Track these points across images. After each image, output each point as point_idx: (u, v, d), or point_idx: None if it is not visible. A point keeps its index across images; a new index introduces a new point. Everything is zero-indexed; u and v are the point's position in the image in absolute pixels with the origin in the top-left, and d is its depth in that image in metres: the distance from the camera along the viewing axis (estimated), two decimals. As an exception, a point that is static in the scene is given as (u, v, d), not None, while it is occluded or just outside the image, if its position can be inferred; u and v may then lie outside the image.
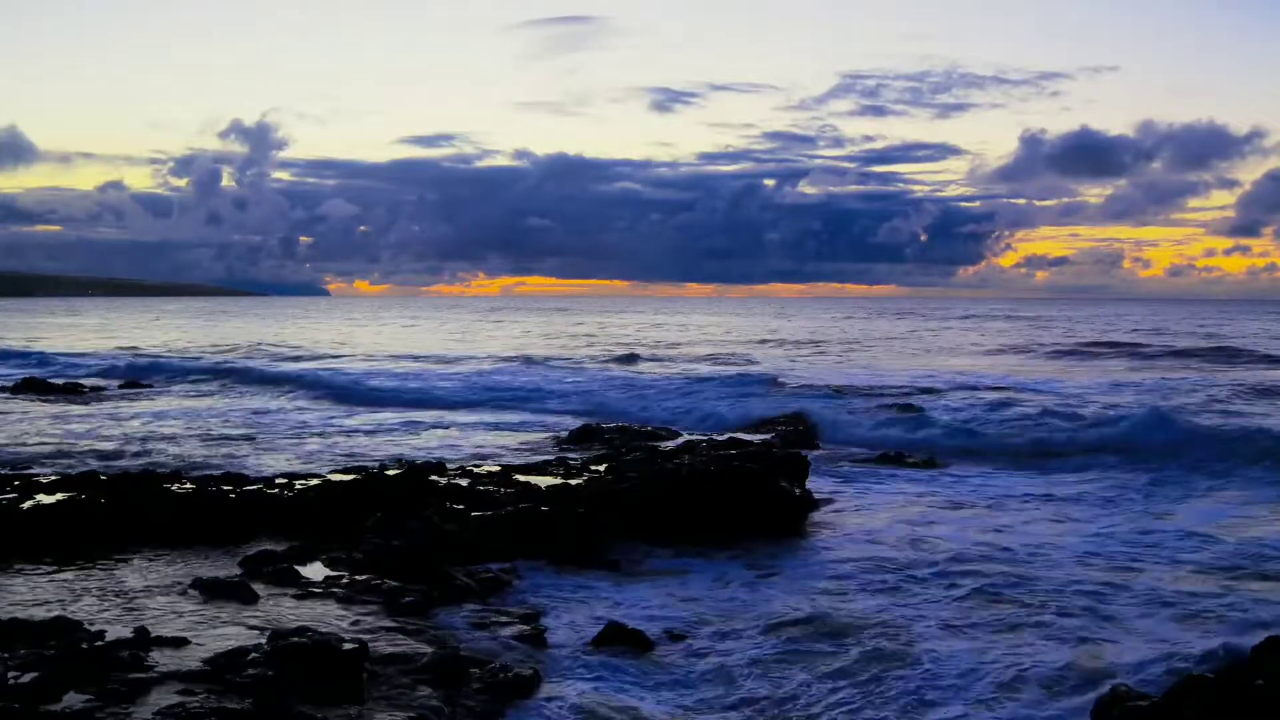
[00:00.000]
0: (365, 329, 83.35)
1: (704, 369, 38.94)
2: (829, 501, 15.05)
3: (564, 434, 21.66)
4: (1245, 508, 14.71)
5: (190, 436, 21.54)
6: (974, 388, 30.69)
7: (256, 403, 29.07)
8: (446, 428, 23.80)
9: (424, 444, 21.02)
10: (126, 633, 7.72)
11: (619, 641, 8.82)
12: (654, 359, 45.24)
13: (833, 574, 11.39)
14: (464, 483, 13.75)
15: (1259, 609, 9.91)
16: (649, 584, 10.96)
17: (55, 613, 8.33)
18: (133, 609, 8.83)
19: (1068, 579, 11.03)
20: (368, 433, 22.82)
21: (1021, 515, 14.50)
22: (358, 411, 27.10)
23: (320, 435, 22.22)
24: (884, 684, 8.13)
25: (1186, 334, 63.90)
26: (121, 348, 52.09)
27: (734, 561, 11.85)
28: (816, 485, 15.32)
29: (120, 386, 33.04)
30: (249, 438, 21.51)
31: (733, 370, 37.62)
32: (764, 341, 61.01)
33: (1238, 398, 27.74)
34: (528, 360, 43.25)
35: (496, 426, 24.21)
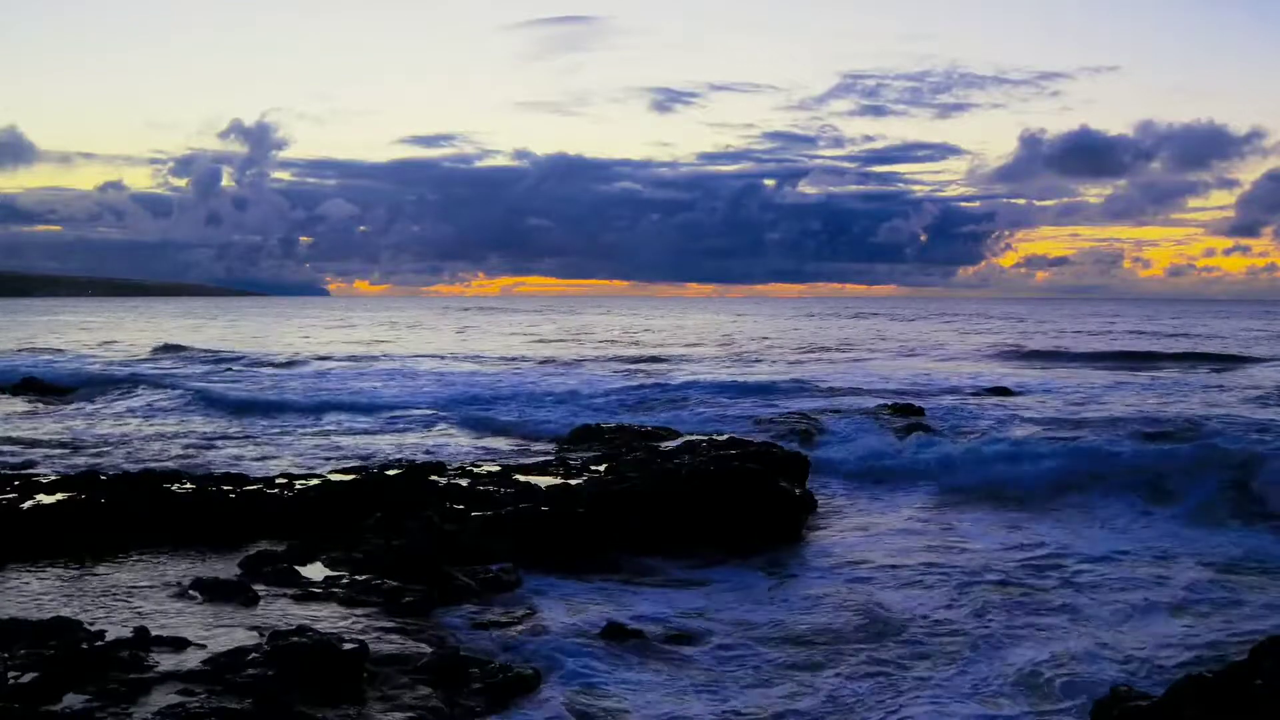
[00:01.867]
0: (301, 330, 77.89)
1: (681, 371, 38.90)
2: (828, 503, 15.06)
3: (564, 435, 21.64)
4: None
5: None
6: (973, 391, 30.68)
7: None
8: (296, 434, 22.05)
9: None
10: (126, 633, 7.71)
11: (619, 641, 8.82)
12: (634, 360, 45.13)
13: (833, 574, 11.39)
14: (464, 483, 13.75)
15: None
16: (649, 584, 10.96)
17: (55, 613, 8.34)
18: (133, 609, 8.84)
19: (1075, 578, 11.05)
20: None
21: (1029, 518, 14.46)
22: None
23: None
24: (885, 684, 8.14)
25: (1185, 335, 63.89)
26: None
27: (734, 562, 11.85)
28: (813, 485, 15.33)
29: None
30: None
31: (716, 373, 37.59)
32: (747, 343, 60.98)
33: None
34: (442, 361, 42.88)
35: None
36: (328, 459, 18.63)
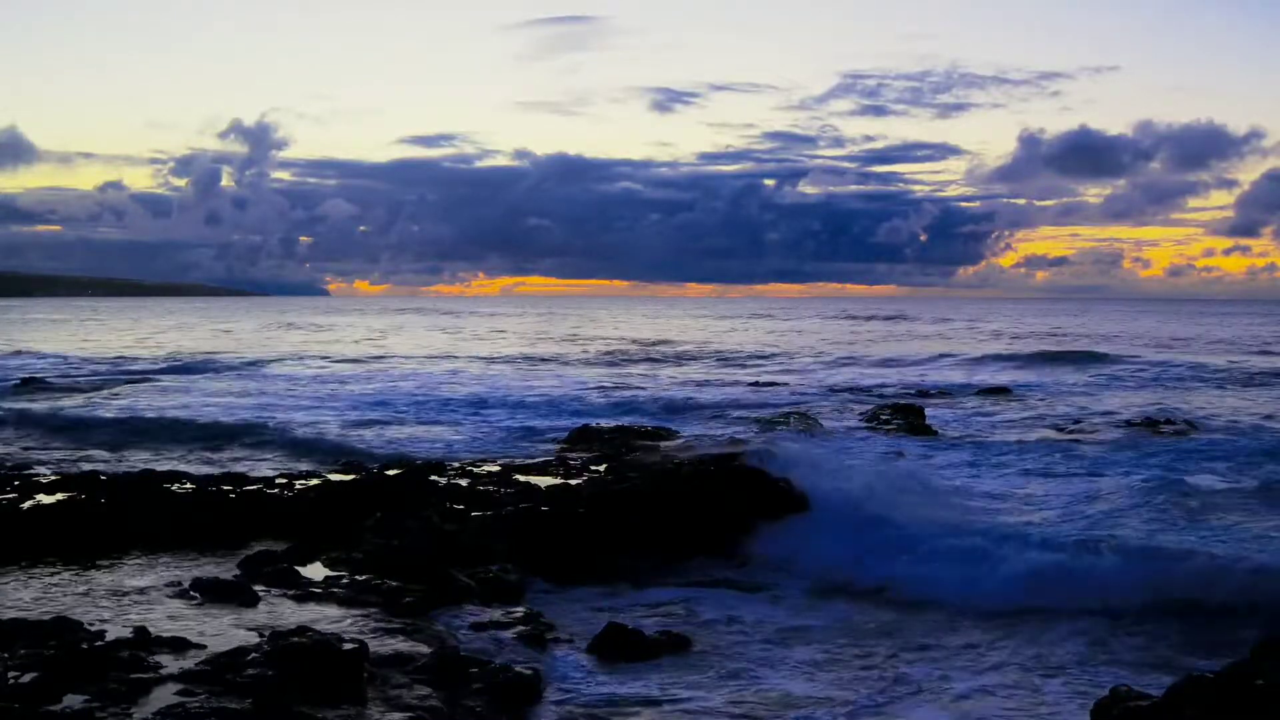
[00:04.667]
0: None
1: (679, 371, 38.71)
2: (827, 502, 15.02)
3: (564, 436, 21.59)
4: None
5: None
6: (972, 391, 30.68)
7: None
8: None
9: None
10: (126, 633, 7.71)
11: (618, 642, 8.82)
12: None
13: (834, 571, 11.40)
14: (464, 483, 13.75)
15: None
16: (648, 584, 10.96)
17: (55, 613, 8.34)
18: (133, 609, 8.83)
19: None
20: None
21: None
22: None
23: None
24: (888, 682, 8.14)
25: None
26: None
27: (733, 561, 11.85)
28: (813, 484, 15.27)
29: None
30: None
31: (716, 373, 37.44)
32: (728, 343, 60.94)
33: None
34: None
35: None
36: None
